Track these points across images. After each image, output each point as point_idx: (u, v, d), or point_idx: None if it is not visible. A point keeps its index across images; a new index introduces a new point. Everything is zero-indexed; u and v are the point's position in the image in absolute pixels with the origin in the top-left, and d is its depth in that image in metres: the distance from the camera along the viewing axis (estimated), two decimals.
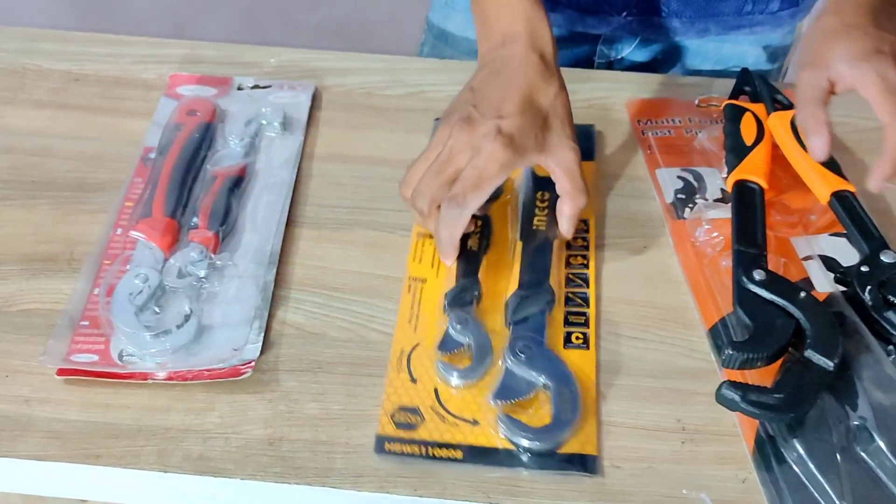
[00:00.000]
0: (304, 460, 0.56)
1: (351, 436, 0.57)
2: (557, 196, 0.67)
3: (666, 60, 0.94)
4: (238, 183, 0.72)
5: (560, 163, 0.64)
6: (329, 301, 0.65)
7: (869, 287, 0.62)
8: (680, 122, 0.81)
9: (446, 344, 0.61)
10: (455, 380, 0.59)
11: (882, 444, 0.54)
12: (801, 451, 0.55)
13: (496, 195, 0.71)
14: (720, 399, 0.55)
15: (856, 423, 0.56)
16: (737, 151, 0.73)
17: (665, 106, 0.83)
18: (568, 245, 0.69)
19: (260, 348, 0.61)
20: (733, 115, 0.76)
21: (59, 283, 0.65)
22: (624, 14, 0.89)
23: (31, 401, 0.58)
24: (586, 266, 0.67)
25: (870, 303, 0.62)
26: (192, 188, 0.72)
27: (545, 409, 0.58)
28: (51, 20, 2.08)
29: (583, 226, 0.70)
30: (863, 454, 0.55)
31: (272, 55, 0.87)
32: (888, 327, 0.60)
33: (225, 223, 0.69)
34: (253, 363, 0.59)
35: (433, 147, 0.65)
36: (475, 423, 0.57)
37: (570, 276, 0.67)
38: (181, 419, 0.58)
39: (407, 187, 0.65)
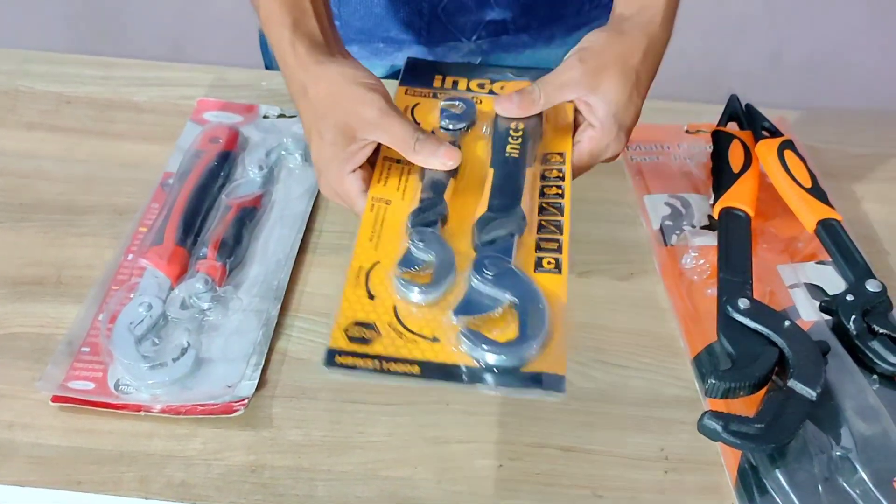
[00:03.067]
0: (286, 487, 0.56)
1: (333, 463, 0.57)
2: (533, 126, 0.67)
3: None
4: (252, 214, 0.72)
5: None
6: (314, 326, 0.65)
7: (853, 316, 0.62)
8: (668, 147, 0.82)
9: (407, 261, 0.58)
10: (415, 296, 0.56)
11: (865, 476, 0.54)
12: (783, 481, 0.55)
13: (470, 124, 0.69)
14: (702, 429, 0.55)
15: (838, 453, 0.56)
16: (724, 178, 0.73)
17: (653, 131, 0.83)
18: (542, 176, 0.66)
19: (255, 386, 0.60)
20: (721, 142, 0.77)
21: (45, 308, 0.65)
22: (474, 38, 0.89)
23: (13, 425, 0.58)
24: (561, 196, 0.64)
25: (854, 332, 0.62)
26: (206, 217, 0.71)
27: (511, 328, 0.55)
28: (47, 41, 2.08)
29: (559, 158, 0.67)
30: (845, 485, 0.55)
31: (263, 79, 0.88)
32: (872, 356, 0.61)
33: (234, 255, 0.68)
34: (246, 401, 0.59)
35: None
36: (435, 340, 0.54)
37: (545, 205, 0.64)
38: (164, 445, 0.57)
39: None
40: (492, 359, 0.53)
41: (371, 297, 0.56)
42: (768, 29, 2.11)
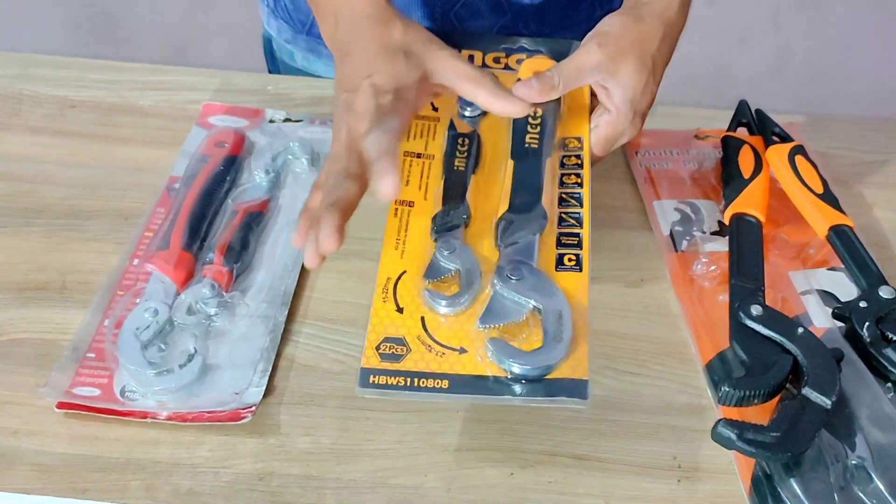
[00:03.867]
0: (294, 496, 0.55)
1: (342, 471, 0.56)
2: (552, 113, 0.67)
3: None
4: (259, 218, 0.71)
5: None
6: (322, 332, 0.65)
7: (867, 323, 0.62)
8: (678, 153, 0.81)
9: (433, 271, 0.58)
10: (442, 308, 0.57)
11: (881, 485, 0.54)
12: (797, 490, 0.54)
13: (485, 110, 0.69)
14: (716, 437, 0.54)
15: (854, 462, 0.55)
16: (734, 184, 0.72)
17: (662, 137, 0.82)
18: (561, 164, 0.67)
19: (262, 393, 0.60)
20: (731, 148, 0.76)
21: (49, 313, 0.65)
22: None
23: (18, 432, 0.57)
24: (580, 185, 0.65)
25: (868, 339, 0.61)
26: (213, 222, 0.71)
27: (535, 334, 0.55)
28: (50, 45, 2.08)
29: (577, 143, 0.69)
30: (861, 494, 0.54)
31: (269, 83, 0.87)
32: (886, 364, 0.60)
33: (241, 260, 0.67)
34: (254, 408, 0.58)
35: None
36: (463, 351, 0.55)
37: (564, 195, 0.65)
38: (170, 453, 0.57)
39: None
40: (518, 368, 0.53)
41: (399, 310, 0.57)
42: (773, 34, 2.11)
